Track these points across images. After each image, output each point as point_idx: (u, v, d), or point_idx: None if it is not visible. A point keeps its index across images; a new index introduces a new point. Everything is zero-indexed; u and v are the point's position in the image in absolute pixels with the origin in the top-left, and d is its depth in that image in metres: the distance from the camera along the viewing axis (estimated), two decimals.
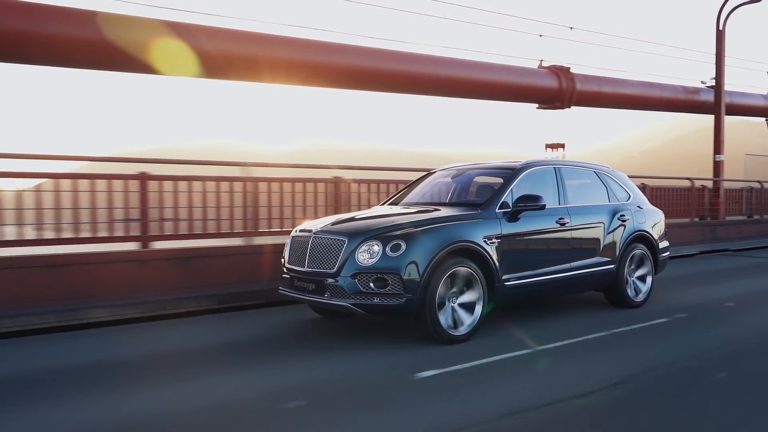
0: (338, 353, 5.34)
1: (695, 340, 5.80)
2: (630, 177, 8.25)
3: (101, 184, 7.33)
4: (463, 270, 5.60)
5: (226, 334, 6.19)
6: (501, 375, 4.73)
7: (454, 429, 3.65)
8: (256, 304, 7.31)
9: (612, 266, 7.01)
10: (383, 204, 7.44)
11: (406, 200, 7.12)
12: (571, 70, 16.76)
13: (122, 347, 5.72)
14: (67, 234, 7.20)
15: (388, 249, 5.38)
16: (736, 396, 4.26)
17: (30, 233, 7.15)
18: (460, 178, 7.16)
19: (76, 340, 5.95)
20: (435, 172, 7.60)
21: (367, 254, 5.42)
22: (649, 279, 7.43)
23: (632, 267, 7.27)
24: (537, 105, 17.47)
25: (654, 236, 7.57)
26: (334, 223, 5.97)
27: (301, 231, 6.10)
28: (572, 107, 16.95)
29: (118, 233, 7.45)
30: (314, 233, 5.83)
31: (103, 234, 7.41)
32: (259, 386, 4.51)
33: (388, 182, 9.76)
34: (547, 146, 20.30)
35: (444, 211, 6.13)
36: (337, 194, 8.99)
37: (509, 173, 6.55)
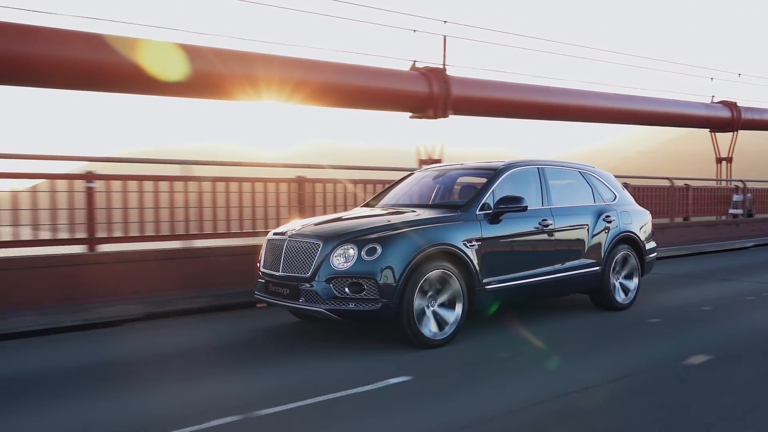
0: (324, 357, 5.23)
1: (683, 343, 5.66)
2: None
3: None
4: (441, 274, 5.45)
5: (213, 336, 6.17)
6: (484, 377, 4.59)
7: (455, 428, 3.64)
8: (244, 305, 7.23)
9: (597, 268, 6.85)
10: (363, 205, 7.28)
11: (386, 201, 6.95)
12: (738, 104, 22.56)
13: (121, 347, 5.73)
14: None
15: (363, 253, 5.23)
16: (722, 397, 4.13)
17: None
18: (442, 179, 7.00)
19: (75, 341, 5.96)
20: (417, 172, 7.44)
21: (342, 258, 5.26)
22: (635, 281, 7.28)
23: (618, 269, 7.12)
24: (710, 129, 22.94)
25: (640, 237, 7.41)
26: (309, 226, 5.82)
27: (275, 234, 5.95)
28: (739, 131, 22.96)
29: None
30: (289, 236, 5.67)
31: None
32: (252, 387, 4.47)
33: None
34: (719, 160, 23.48)
35: (423, 213, 5.97)
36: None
37: (491, 174, 6.40)
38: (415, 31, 14.35)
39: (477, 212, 5.94)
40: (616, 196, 7.45)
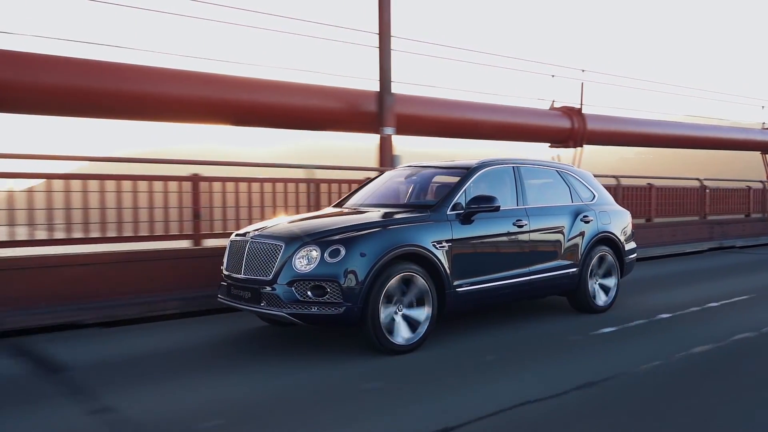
0: (304, 359, 5.11)
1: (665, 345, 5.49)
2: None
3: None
4: (409, 276, 5.26)
5: (192, 339, 5.99)
6: (460, 381, 4.41)
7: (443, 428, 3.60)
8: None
9: (574, 269, 6.67)
10: (333, 205, 7.07)
11: (355, 201, 6.73)
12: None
13: (113, 348, 5.65)
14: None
15: (326, 255, 5.03)
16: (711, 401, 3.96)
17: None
18: (414, 178, 6.80)
19: (66, 341, 5.83)
20: (389, 170, 7.25)
21: (305, 260, 5.06)
22: (614, 283, 7.11)
23: (596, 270, 6.94)
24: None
25: (620, 238, 7.23)
26: (272, 227, 5.63)
27: (238, 235, 5.74)
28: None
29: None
30: (251, 237, 5.47)
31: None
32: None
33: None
34: None
35: (391, 213, 5.76)
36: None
37: (464, 172, 6.21)
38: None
39: (448, 212, 5.74)
40: (594, 196, 7.27)
